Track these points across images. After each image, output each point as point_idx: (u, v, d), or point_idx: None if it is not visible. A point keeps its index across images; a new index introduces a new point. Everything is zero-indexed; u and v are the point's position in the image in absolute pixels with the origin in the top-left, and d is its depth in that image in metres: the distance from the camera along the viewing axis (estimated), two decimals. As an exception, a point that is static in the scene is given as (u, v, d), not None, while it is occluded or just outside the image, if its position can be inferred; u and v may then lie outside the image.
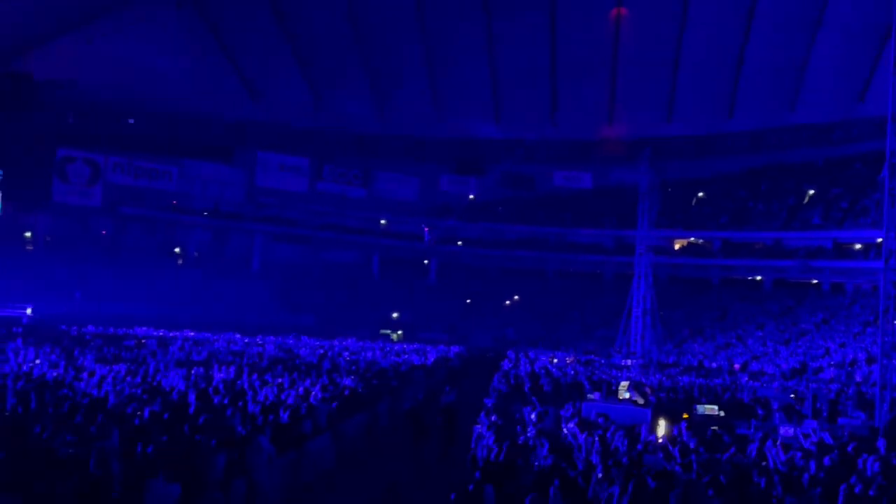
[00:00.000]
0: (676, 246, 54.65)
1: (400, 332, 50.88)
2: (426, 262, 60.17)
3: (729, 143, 54.49)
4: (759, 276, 52.19)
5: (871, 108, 45.99)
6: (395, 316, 52.99)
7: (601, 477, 9.28)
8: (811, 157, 54.32)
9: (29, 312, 44.79)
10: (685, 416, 16.23)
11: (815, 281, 49.86)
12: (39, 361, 20.25)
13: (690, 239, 54.58)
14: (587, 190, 58.11)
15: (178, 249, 59.40)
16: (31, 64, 45.55)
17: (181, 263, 58.62)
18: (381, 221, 60.01)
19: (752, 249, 52.06)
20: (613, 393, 18.22)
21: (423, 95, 52.94)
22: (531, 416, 14.36)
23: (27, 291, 45.73)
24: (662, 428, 14.60)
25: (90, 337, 33.34)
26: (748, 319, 47.18)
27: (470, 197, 59.85)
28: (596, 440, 11.52)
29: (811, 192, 52.85)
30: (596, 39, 47.84)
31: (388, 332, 50.57)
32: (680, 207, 53.59)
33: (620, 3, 47.19)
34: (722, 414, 17.49)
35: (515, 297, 55.70)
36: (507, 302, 55.34)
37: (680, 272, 52.79)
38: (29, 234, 53.31)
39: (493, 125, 55.16)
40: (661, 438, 13.15)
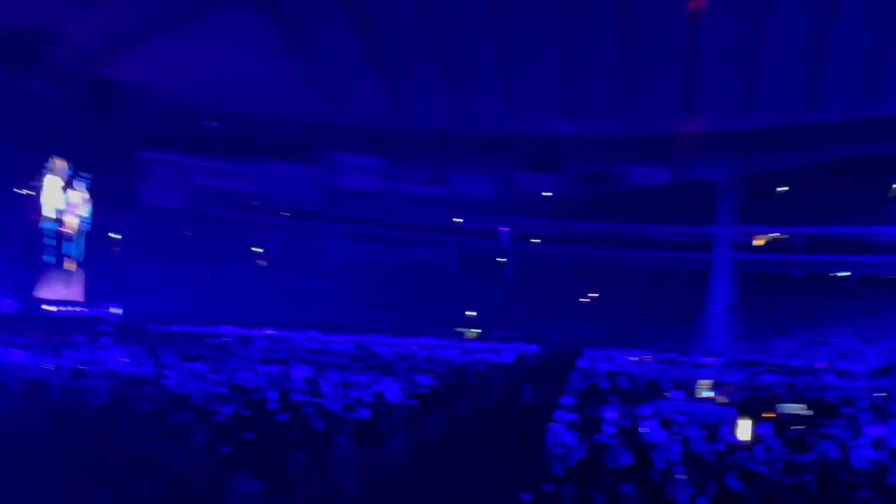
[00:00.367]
0: (757, 241, 53.49)
1: (476, 330, 50.84)
2: (502, 259, 60.05)
3: (812, 134, 52.94)
4: (844, 272, 50.74)
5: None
6: (470, 314, 52.99)
7: (681, 477, 9.16)
8: (900, 149, 52.60)
9: (116, 312, 46.19)
10: (768, 415, 15.88)
11: (903, 277, 48.32)
12: (126, 360, 20.82)
13: (772, 234, 53.37)
14: (665, 185, 57.22)
15: (257, 249, 60.44)
16: (117, 70, 46.81)
17: (261, 263, 59.65)
18: (456, 220, 60.11)
19: (836, 245, 50.61)
20: (694, 392, 17.96)
21: (497, 93, 52.73)
22: (610, 415, 14.25)
23: (115, 291, 47.14)
24: (745, 427, 14.32)
25: (174, 335, 34.18)
26: (833, 317, 45.93)
27: (545, 194, 59.48)
28: (676, 440, 11.38)
29: (899, 185, 51.21)
30: (673, 31, 46.97)
31: (464, 330, 50.60)
32: (761, 202, 52.41)
33: (698, -8, 46.33)
34: (806, 413, 17.08)
35: (592, 294, 55.20)
36: (583, 300, 54.88)
37: (761, 268, 51.65)
38: (116, 235, 54.84)
39: (568, 121, 54.66)
40: (743, 438, 12.92)
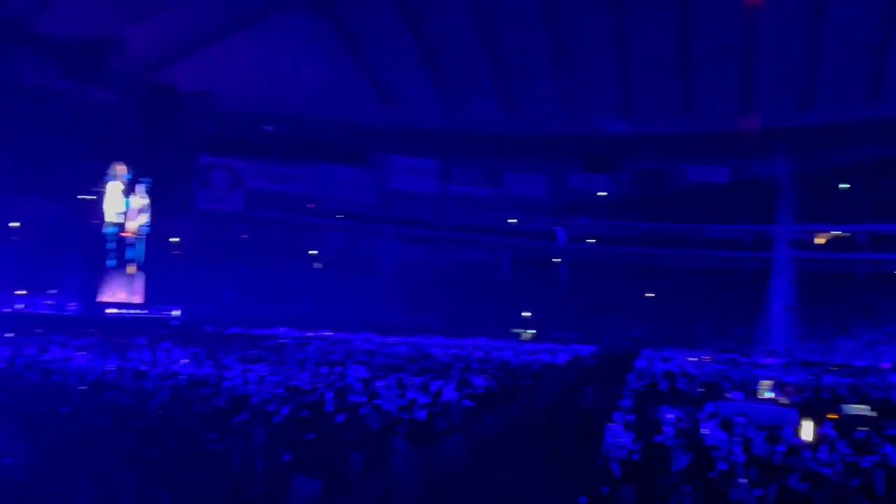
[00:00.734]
0: (818, 239, 52.52)
1: (531, 331, 50.67)
2: (557, 260, 59.79)
3: (873, 130, 51.78)
4: (908, 269, 49.62)
5: None
6: (525, 315, 52.84)
7: (743, 479, 9.01)
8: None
9: (176, 314, 46.95)
10: (831, 416, 15.55)
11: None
12: (186, 361, 21.12)
13: (833, 232, 52.36)
14: (723, 184, 56.42)
15: (313, 251, 60.97)
16: (174, 76, 47.63)
17: (317, 265, 60.16)
18: (510, 220, 60.02)
19: (900, 242, 49.51)
20: (755, 392, 17.67)
21: (551, 93, 52.53)
22: (668, 416, 14.08)
23: (175, 294, 47.95)
24: (808, 429, 14.04)
25: (232, 337, 34.62)
26: (897, 315, 44.95)
27: (600, 194, 59.08)
28: (737, 441, 11.20)
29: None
30: (729, 28, 46.33)
31: (519, 331, 50.47)
32: (821, 199, 51.46)
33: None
34: (871, 414, 16.68)
35: (649, 295, 54.72)
36: (640, 300, 54.40)
37: (822, 267, 50.68)
38: (174, 239, 55.75)
39: (623, 121, 54.22)
40: (806, 439, 12.68)
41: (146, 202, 48.07)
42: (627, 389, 20.24)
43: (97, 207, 45.71)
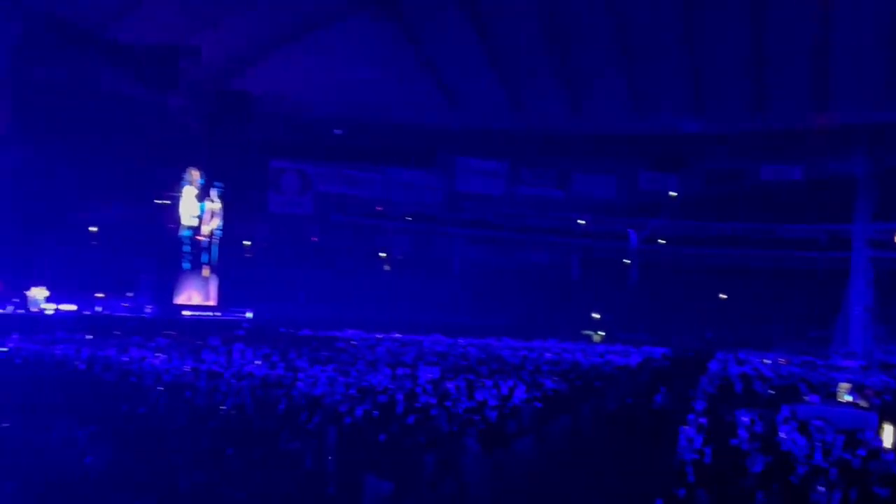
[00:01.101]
0: (899, 239, 51.04)
1: (601, 332, 50.27)
2: (627, 261, 59.16)
3: (958, 125, 50.14)
4: None
5: None
6: (595, 316, 52.42)
7: (822, 483, 8.80)
8: None
9: (249, 316, 47.76)
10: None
11: None
12: (260, 362, 21.44)
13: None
14: (798, 182, 55.16)
15: (382, 254, 61.40)
16: (246, 82, 48.42)
17: (386, 267, 60.58)
18: (579, 221, 59.60)
19: None
20: (833, 395, 17.26)
21: (620, 92, 51.96)
22: (744, 419, 13.83)
23: (247, 296, 48.80)
24: (888, 432, 13.65)
25: (304, 339, 35.04)
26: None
27: (671, 194, 58.29)
28: (815, 445, 10.95)
29: None
30: (804, 22, 45.27)
31: (589, 332, 50.11)
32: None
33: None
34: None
35: (722, 296, 53.81)
36: (712, 302, 53.52)
37: (903, 267, 49.25)
38: (247, 242, 56.74)
39: (694, 119, 53.37)
40: (887, 443, 12.33)
41: (219, 206, 49.02)
42: (701, 391, 19.93)
43: (172, 211, 46.74)
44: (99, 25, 39.85)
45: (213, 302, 48.30)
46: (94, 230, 46.37)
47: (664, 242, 57.26)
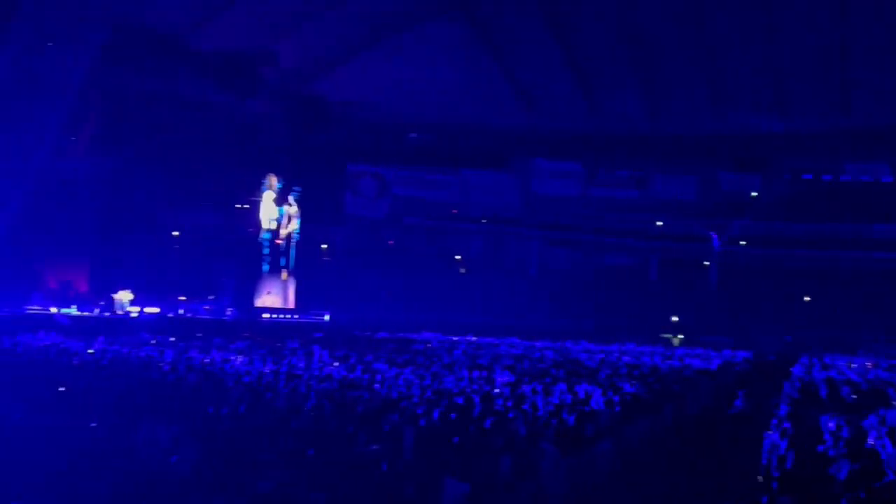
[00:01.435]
0: None
1: (680, 336, 49.56)
2: (706, 263, 58.12)
3: None
4: None
5: None
6: (674, 319, 51.69)
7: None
8: None
9: (327, 318, 48.33)
10: None
11: None
12: (338, 364, 21.65)
13: None
14: (885, 182, 53.56)
15: (457, 256, 61.53)
16: (323, 87, 49.05)
17: (461, 270, 60.68)
18: (657, 223, 58.79)
19: None
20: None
21: (698, 91, 51.11)
22: (830, 424, 13.44)
23: (325, 299, 49.41)
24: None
25: (381, 341, 35.27)
26: None
27: (752, 195, 57.11)
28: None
29: None
30: (890, 17, 43.87)
31: (668, 336, 49.43)
32: None
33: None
34: None
35: (806, 298, 52.52)
36: (796, 304, 52.24)
37: None
38: (325, 245, 57.47)
39: (776, 118, 52.17)
40: None
41: (297, 210, 49.73)
42: (785, 396, 19.45)
43: (252, 216, 47.56)
44: (181, 34, 40.80)
45: (291, 304, 49.00)
46: (176, 234, 47.48)
47: (745, 244, 56.14)
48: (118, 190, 41.93)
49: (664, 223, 58.44)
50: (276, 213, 48.38)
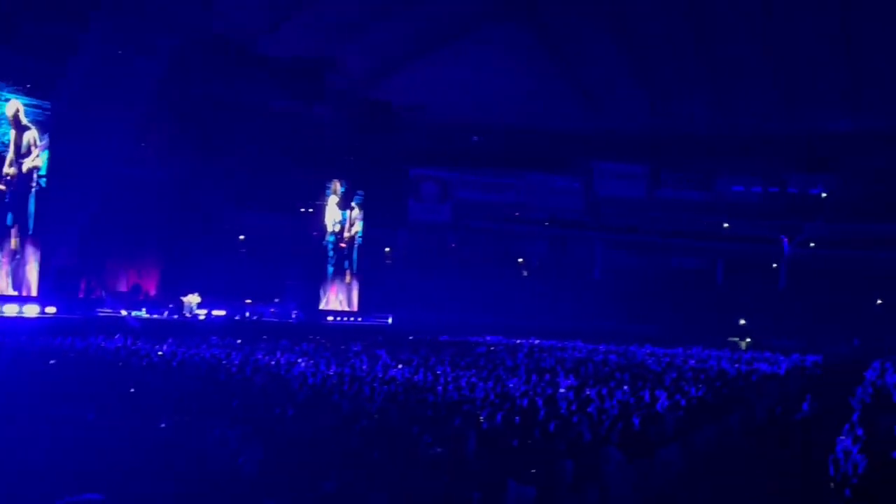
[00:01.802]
0: None
1: (748, 339, 48.70)
2: (774, 265, 56.97)
3: None
4: None
5: None
6: (742, 323, 50.82)
7: None
8: None
9: (390, 321, 48.60)
10: None
11: None
12: (401, 367, 21.75)
13: None
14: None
15: (521, 259, 61.35)
16: (386, 91, 49.36)
17: (524, 273, 60.50)
18: (724, 225, 57.81)
19: None
20: None
21: (767, 90, 50.19)
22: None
23: (388, 302, 49.69)
24: None
25: (444, 344, 35.32)
26: None
27: (822, 195, 55.86)
28: None
29: None
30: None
31: (735, 339, 48.62)
32: None
33: None
34: None
35: (878, 301, 51.17)
36: (868, 307, 50.91)
37: None
38: (388, 248, 57.82)
39: (848, 117, 50.94)
40: None
41: (361, 214, 50.13)
42: (857, 401, 18.99)
43: (316, 219, 48.04)
44: (249, 40, 41.47)
45: (354, 307, 49.39)
46: (242, 238, 48.20)
47: (814, 246, 54.94)
48: (186, 195, 42.69)
49: (731, 225, 57.46)
50: (339, 216, 48.81)
